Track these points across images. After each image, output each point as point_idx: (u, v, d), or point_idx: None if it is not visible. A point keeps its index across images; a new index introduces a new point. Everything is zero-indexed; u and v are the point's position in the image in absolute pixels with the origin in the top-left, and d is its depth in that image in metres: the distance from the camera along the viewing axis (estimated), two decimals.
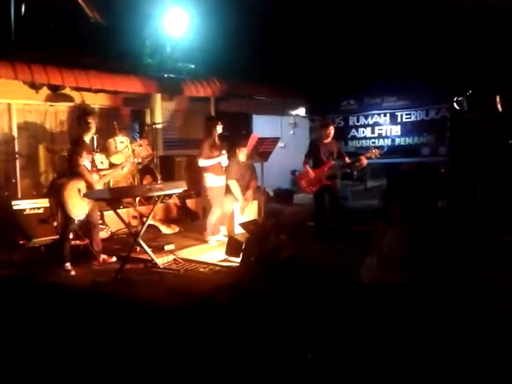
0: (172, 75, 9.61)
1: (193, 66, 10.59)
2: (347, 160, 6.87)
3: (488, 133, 8.05)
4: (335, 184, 6.97)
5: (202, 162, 6.68)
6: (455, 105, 8.57)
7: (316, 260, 5.80)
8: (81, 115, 5.83)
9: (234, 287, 4.82)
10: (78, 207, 5.32)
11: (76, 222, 5.46)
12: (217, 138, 6.75)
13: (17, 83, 7.38)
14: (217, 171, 6.73)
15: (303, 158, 7.02)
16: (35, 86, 7.68)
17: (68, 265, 5.48)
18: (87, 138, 5.70)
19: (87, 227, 5.76)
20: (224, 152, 6.78)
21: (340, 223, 6.87)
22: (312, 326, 3.77)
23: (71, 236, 6.49)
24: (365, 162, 6.74)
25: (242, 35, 10.67)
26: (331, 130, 6.89)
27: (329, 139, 6.90)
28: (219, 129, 6.78)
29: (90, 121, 5.60)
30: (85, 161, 5.49)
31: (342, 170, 7.40)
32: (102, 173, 5.81)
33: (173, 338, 3.62)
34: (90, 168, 5.55)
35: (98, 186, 5.48)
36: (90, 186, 5.41)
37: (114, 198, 5.30)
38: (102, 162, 7.45)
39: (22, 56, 7.19)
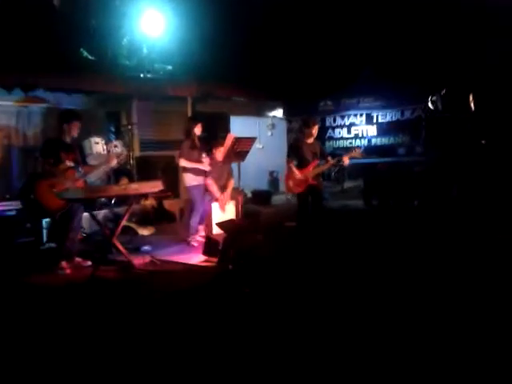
0: (149, 75, 9.54)
1: (170, 68, 10.54)
2: (330, 160, 6.88)
3: (461, 132, 8.19)
4: (320, 183, 7.00)
5: (182, 162, 6.66)
6: (430, 104, 8.71)
7: (295, 259, 5.81)
8: (65, 116, 5.74)
9: (211, 286, 4.80)
10: (53, 204, 5.22)
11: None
12: (196, 139, 6.75)
13: None
14: (196, 171, 6.70)
15: (286, 159, 7.03)
16: (7, 87, 7.53)
17: (64, 263, 5.42)
18: (67, 139, 5.63)
19: (65, 226, 5.62)
20: (204, 156, 6.79)
21: (320, 223, 6.90)
22: None
23: (45, 238, 6.47)
24: (347, 161, 6.80)
25: (220, 37, 10.64)
26: (316, 129, 6.89)
27: (311, 139, 6.91)
28: (197, 130, 6.79)
29: (74, 123, 5.57)
30: (65, 161, 5.46)
31: (326, 170, 7.36)
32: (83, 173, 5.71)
33: (149, 336, 3.57)
34: (72, 166, 5.50)
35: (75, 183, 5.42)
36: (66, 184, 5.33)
37: (88, 197, 5.21)
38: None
39: None
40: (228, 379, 2.91)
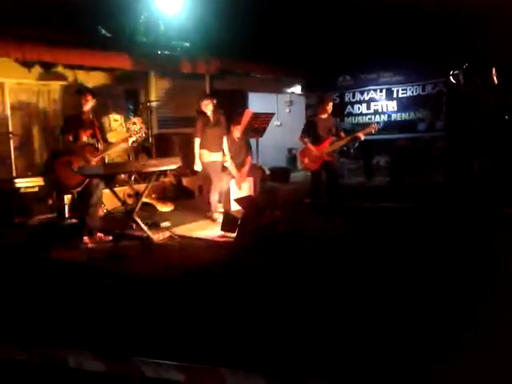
0: (166, 52, 9.52)
1: (187, 44, 10.49)
2: (343, 135, 6.86)
3: (484, 106, 8.01)
4: (334, 160, 6.99)
5: (197, 142, 6.68)
6: (451, 78, 8.52)
7: (311, 235, 5.82)
8: (77, 92, 5.82)
9: (230, 260, 4.85)
10: (72, 180, 5.30)
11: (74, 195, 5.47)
12: (210, 116, 6.71)
13: (9, 62, 7.31)
14: (211, 147, 6.70)
15: (300, 135, 7.01)
16: (27, 64, 7.61)
17: (86, 238, 5.54)
18: (85, 115, 5.67)
19: (85, 202, 5.71)
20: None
21: (336, 199, 6.90)
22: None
23: (66, 214, 6.58)
24: (363, 137, 6.76)
25: (237, 13, 10.53)
26: (330, 105, 6.88)
27: (326, 115, 6.88)
28: (204, 107, 6.67)
29: (86, 97, 5.59)
30: (83, 137, 5.52)
31: (341, 146, 7.31)
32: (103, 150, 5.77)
33: (170, 309, 3.64)
34: (91, 143, 5.57)
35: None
36: (84, 160, 5.40)
37: (107, 173, 5.27)
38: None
39: (12, 33, 7.10)
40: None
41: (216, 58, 9.99)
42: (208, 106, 6.67)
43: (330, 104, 6.88)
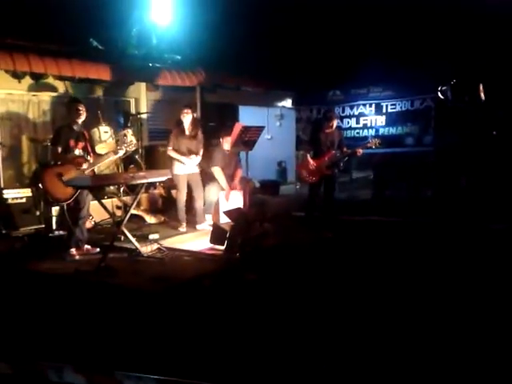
0: (158, 65, 9.56)
1: (179, 57, 10.54)
2: (345, 150, 6.95)
3: (472, 121, 8.11)
4: (334, 174, 7.04)
5: (169, 151, 6.72)
6: (439, 94, 8.62)
7: (302, 248, 5.82)
8: (69, 103, 5.80)
9: (218, 273, 4.83)
10: (61, 192, 5.26)
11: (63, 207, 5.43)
12: (187, 127, 6.71)
13: None
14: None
15: (305, 146, 7.08)
16: (17, 76, 7.58)
17: (73, 250, 5.51)
18: (76, 126, 5.64)
19: (75, 214, 5.67)
20: (192, 154, 6.68)
21: (330, 213, 6.92)
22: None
23: (54, 226, 6.53)
24: (361, 153, 6.91)
25: (229, 27, 10.62)
26: (335, 122, 6.99)
27: (330, 130, 6.96)
28: (183, 117, 6.70)
29: (79, 108, 5.58)
30: (75, 150, 5.50)
31: (341, 160, 7.33)
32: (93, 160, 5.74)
33: (157, 321, 3.61)
34: (81, 155, 5.55)
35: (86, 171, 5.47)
36: (75, 172, 5.37)
37: (95, 185, 5.24)
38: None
39: (3, 44, 7.10)
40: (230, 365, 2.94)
41: (207, 71, 10.04)
42: (186, 116, 6.70)
43: (334, 121, 6.98)
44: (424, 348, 3.05)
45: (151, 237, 6.26)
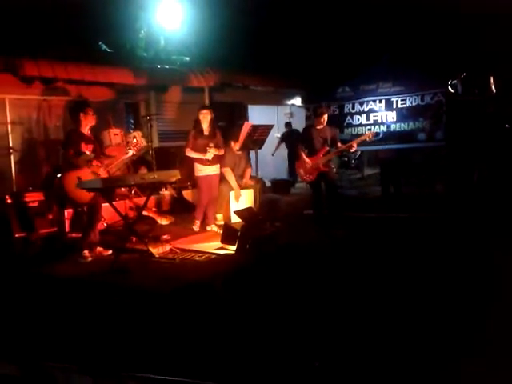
0: (166, 67, 9.60)
1: (187, 59, 10.59)
2: (339, 145, 6.85)
3: (483, 115, 8.00)
4: (331, 170, 6.97)
5: (187, 152, 6.68)
6: (450, 88, 8.52)
7: (313, 247, 5.79)
8: (79, 107, 5.81)
9: (230, 273, 4.82)
10: (82, 196, 5.30)
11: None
12: (205, 128, 6.67)
13: (9, 77, 7.36)
14: (203, 161, 6.66)
15: (299, 145, 7.03)
16: (27, 80, 7.65)
17: (86, 252, 5.52)
18: (86, 129, 5.66)
19: (91, 216, 5.67)
20: (211, 145, 6.58)
21: (336, 210, 6.88)
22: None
23: (67, 228, 6.57)
24: (355, 146, 6.75)
25: (236, 26, 10.63)
26: (324, 117, 6.86)
27: (321, 126, 6.87)
28: (206, 116, 6.64)
29: (89, 112, 5.59)
30: (86, 152, 5.52)
31: (338, 156, 7.29)
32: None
33: (168, 322, 3.61)
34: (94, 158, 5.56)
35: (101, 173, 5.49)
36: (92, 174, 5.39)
37: (106, 187, 5.25)
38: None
39: (12, 49, 7.17)
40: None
41: (215, 71, 10.06)
42: (206, 117, 6.64)
43: (324, 116, 6.86)
44: (425, 348, 3.01)
45: (163, 238, 6.28)
